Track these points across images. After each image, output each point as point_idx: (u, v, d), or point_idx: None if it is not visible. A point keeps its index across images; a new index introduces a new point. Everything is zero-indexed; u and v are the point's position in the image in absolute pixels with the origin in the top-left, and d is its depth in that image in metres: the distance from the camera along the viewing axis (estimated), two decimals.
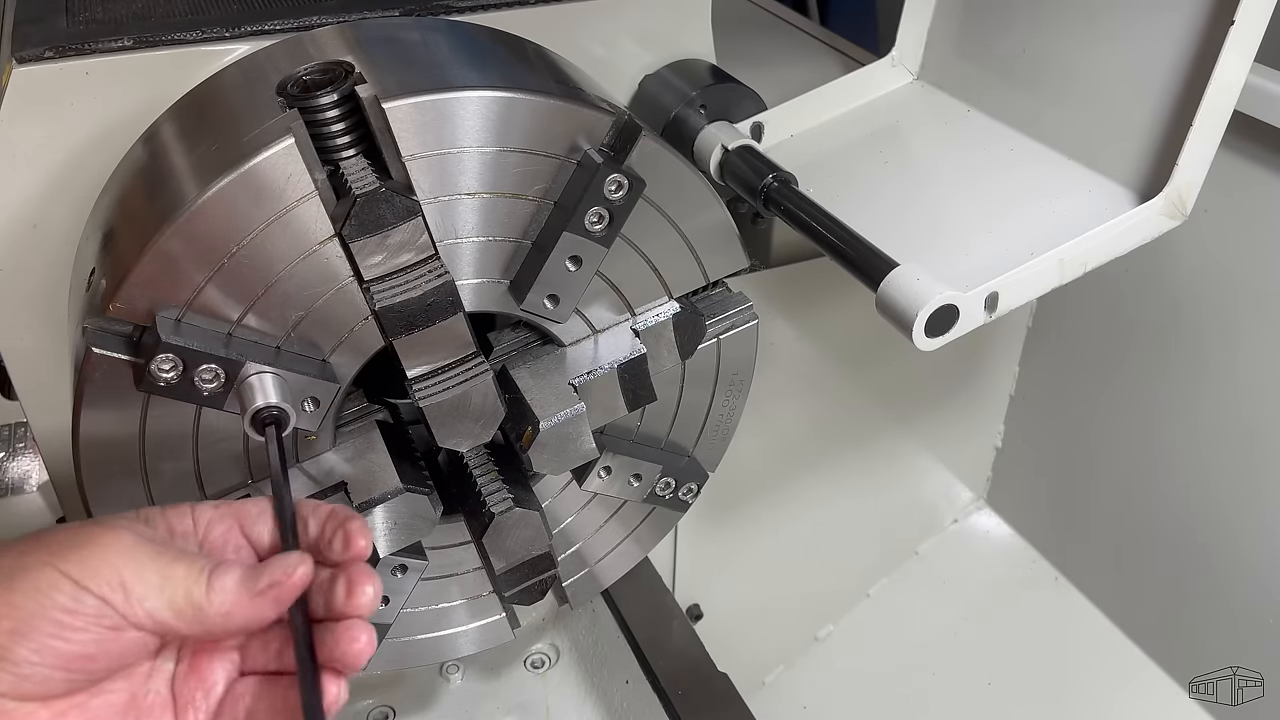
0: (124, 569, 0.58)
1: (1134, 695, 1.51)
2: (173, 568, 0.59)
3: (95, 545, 0.58)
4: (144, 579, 0.58)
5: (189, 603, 0.59)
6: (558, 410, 0.84)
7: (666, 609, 1.32)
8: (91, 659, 0.58)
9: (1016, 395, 1.63)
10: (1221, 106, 0.86)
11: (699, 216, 0.86)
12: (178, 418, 0.76)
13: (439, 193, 0.76)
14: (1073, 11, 0.98)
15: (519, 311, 0.83)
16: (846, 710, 1.62)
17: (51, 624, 0.56)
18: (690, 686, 1.20)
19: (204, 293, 0.72)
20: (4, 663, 0.56)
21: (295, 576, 0.61)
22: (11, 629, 0.56)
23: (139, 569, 0.58)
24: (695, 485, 1.00)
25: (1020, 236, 0.91)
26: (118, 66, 0.84)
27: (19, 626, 0.56)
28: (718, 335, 0.92)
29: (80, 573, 0.57)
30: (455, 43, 0.86)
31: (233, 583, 0.60)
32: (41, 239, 0.86)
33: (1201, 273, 1.30)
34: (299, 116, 0.71)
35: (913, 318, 0.84)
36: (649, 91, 1.07)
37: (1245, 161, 1.18)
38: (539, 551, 0.90)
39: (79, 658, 0.58)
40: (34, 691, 0.57)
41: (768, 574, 1.59)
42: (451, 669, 1.32)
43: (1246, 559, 1.35)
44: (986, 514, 1.74)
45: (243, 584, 0.60)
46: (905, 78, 1.16)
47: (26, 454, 1.31)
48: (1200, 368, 1.34)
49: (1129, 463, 1.49)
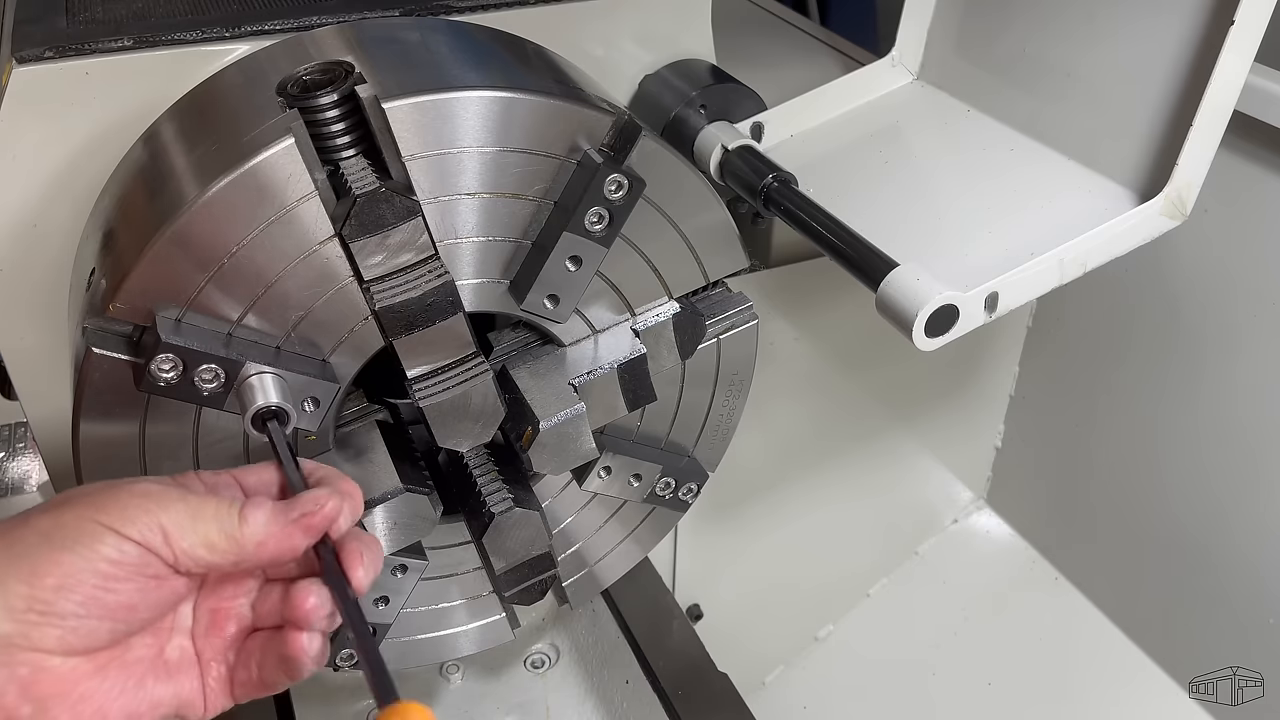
0: (160, 514, 0.60)
1: (1134, 695, 1.51)
2: (202, 507, 0.62)
3: (128, 495, 0.61)
4: (178, 521, 0.60)
5: (224, 535, 0.61)
6: (558, 410, 0.84)
7: (666, 609, 1.32)
8: (134, 609, 0.60)
9: (1016, 395, 1.63)
10: (1221, 106, 0.86)
11: (699, 216, 0.86)
12: (178, 418, 0.76)
13: (439, 193, 0.76)
14: (1073, 11, 0.98)
15: (519, 311, 0.83)
16: (846, 710, 1.62)
17: (97, 576, 0.58)
18: (690, 686, 1.20)
19: (204, 293, 0.72)
20: (51, 617, 0.57)
21: (326, 508, 0.64)
22: (58, 584, 0.57)
23: (173, 512, 0.61)
24: (695, 485, 1.00)
25: (1020, 236, 0.91)
26: (118, 66, 0.84)
27: (65, 581, 0.57)
28: (718, 335, 0.92)
29: (120, 523, 0.59)
30: (455, 43, 0.86)
31: (265, 515, 0.62)
32: (41, 239, 0.86)
33: (1201, 273, 1.30)
34: (299, 116, 0.71)
35: (913, 318, 0.84)
36: (649, 91, 1.07)
37: (1245, 161, 1.18)
38: (539, 551, 0.90)
39: (123, 608, 0.60)
40: (80, 645, 0.59)
41: (768, 574, 1.59)
42: (451, 669, 1.32)
43: (1246, 559, 1.35)
44: (986, 514, 1.74)
45: (275, 515, 0.63)
46: (905, 78, 1.16)
47: (26, 454, 1.32)
48: (1201, 367, 1.34)
49: (1129, 462, 1.49)
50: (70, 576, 0.57)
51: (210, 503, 0.62)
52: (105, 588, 0.58)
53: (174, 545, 0.60)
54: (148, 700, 0.62)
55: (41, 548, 0.58)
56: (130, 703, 0.62)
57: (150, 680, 0.63)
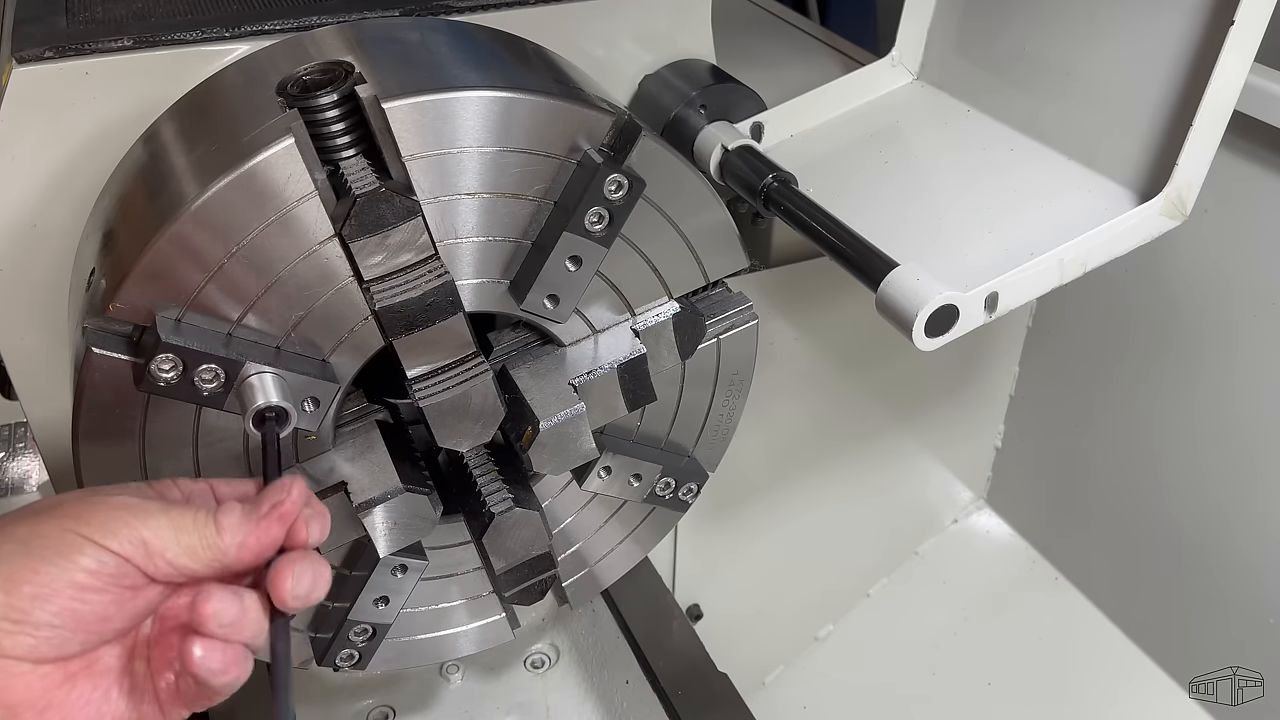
0: (141, 527, 0.60)
1: (1134, 695, 1.51)
2: (181, 518, 0.62)
3: (109, 508, 0.61)
4: (160, 534, 0.61)
5: (204, 545, 0.62)
6: (558, 410, 0.84)
7: (666, 609, 1.32)
8: (108, 619, 0.60)
9: (1016, 395, 1.63)
10: (1221, 106, 0.86)
11: (699, 216, 0.86)
12: (178, 418, 0.76)
13: (439, 193, 0.76)
14: (1072, 11, 0.98)
15: (519, 311, 0.83)
16: (847, 710, 1.62)
17: (74, 587, 0.58)
18: (690, 686, 1.20)
19: (204, 293, 0.72)
20: (25, 625, 0.57)
21: (293, 494, 0.64)
22: (33, 593, 0.57)
23: (154, 524, 0.61)
24: (695, 485, 1.00)
25: (1020, 236, 0.91)
26: (118, 66, 0.84)
27: (41, 591, 0.58)
28: (718, 335, 0.92)
29: (101, 535, 0.59)
30: (455, 43, 0.86)
31: (237, 517, 0.63)
32: (41, 239, 0.86)
33: (1201, 273, 1.30)
34: (299, 116, 0.71)
35: (913, 318, 0.84)
36: (649, 91, 1.06)
37: (1245, 161, 1.18)
38: (539, 551, 0.90)
39: (98, 619, 0.60)
40: (51, 654, 0.59)
41: (768, 574, 1.59)
42: (451, 669, 1.32)
43: (1246, 559, 1.35)
44: (986, 514, 1.74)
45: (247, 515, 0.63)
46: (905, 78, 1.16)
47: (26, 454, 1.32)
48: (1200, 367, 1.34)
49: (1129, 462, 1.49)
50: (46, 586, 0.58)
51: (188, 513, 0.63)
52: (81, 599, 0.59)
53: (156, 557, 0.60)
54: (111, 712, 0.62)
55: (19, 556, 0.58)
56: (95, 714, 0.62)
57: (115, 692, 0.63)
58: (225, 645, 0.61)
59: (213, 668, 0.61)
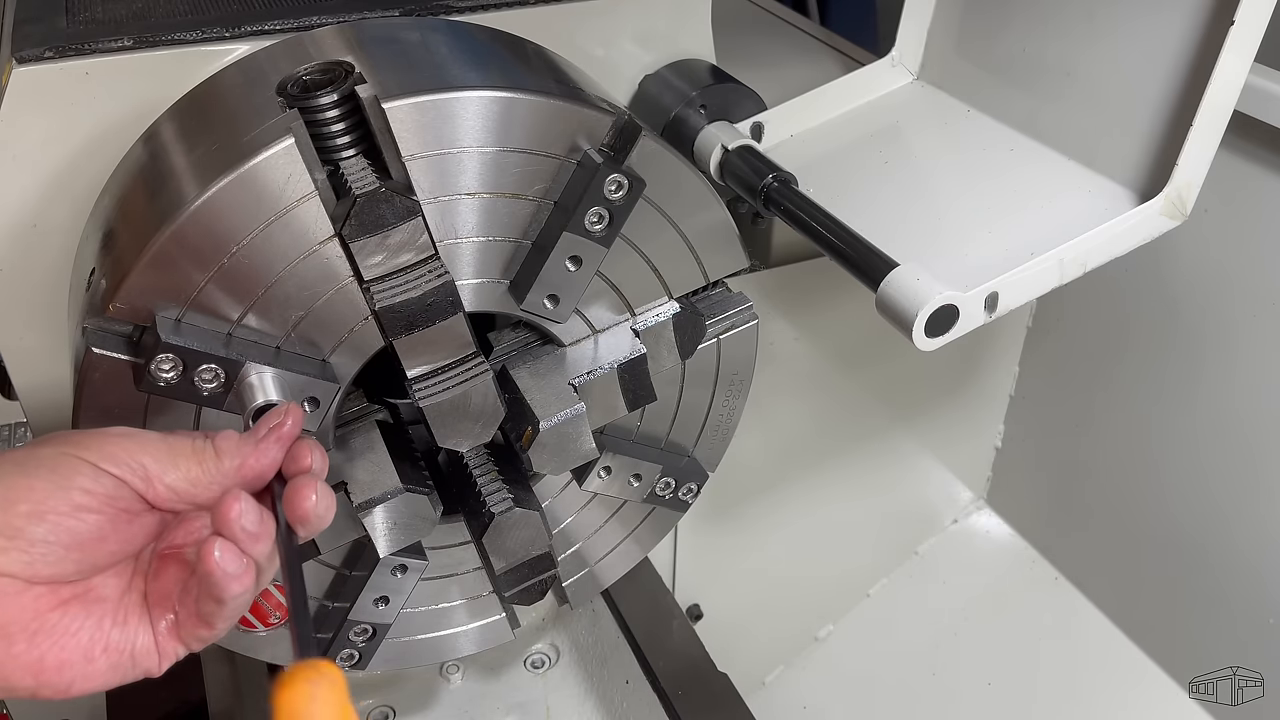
0: (140, 454, 0.62)
1: (1134, 695, 1.51)
2: (178, 445, 0.64)
3: (107, 435, 0.63)
4: (159, 460, 0.63)
5: (203, 469, 0.64)
6: (558, 410, 0.84)
7: (666, 609, 1.32)
8: (103, 540, 0.61)
9: (1016, 395, 1.63)
10: (1221, 106, 0.86)
11: (699, 216, 0.86)
12: (178, 418, 0.76)
13: (439, 193, 0.76)
14: (1072, 10, 0.98)
15: (519, 311, 0.83)
16: (846, 710, 1.62)
17: (70, 505, 0.59)
18: (690, 686, 1.20)
19: (204, 293, 0.72)
20: (20, 541, 0.58)
21: (290, 417, 0.67)
22: (29, 511, 0.58)
23: (153, 450, 0.63)
24: (695, 485, 1.00)
25: (1020, 236, 0.91)
26: (118, 66, 0.84)
27: (36, 509, 0.58)
28: (718, 335, 0.92)
29: (99, 458, 0.61)
30: (455, 43, 0.86)
31: (234, 442, 0.66)
32: (41, 239, 0.86)
33: (1201, 273, 1.30)
34: (299, 116, 0.71)
35: (913, 318, 0.84)
36: (649, 91, 1.07)
37: (1245, 161, 1.18)
38: (539, 551, 0.90)
39: (92, 539, 0.60)
40: (45, 574, 0.60)
41: (768, 574, 1.59)
42: (451, 669, 1.32)
43: (1246, 559, 1.35)
44: (986, 514, 1.74)
45: (244, 439, 0.66)
46: (905, 78, 1.16)
47: None
48: (1200, 367, 1.34)
49: (1129, 462, 1.49)
50: (42, 504, 0.58)
51: (186, 439, 0.65)
52: (77, 517, 0.59)
53: (155, 481, 0.62)
54: (103, 643, 0.62)
55: (15, 475, 0.59)
56: (87, 642, 0.62)
57: (109, 623, 0.63)
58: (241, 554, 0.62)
59: (229, 570, 0.61)
